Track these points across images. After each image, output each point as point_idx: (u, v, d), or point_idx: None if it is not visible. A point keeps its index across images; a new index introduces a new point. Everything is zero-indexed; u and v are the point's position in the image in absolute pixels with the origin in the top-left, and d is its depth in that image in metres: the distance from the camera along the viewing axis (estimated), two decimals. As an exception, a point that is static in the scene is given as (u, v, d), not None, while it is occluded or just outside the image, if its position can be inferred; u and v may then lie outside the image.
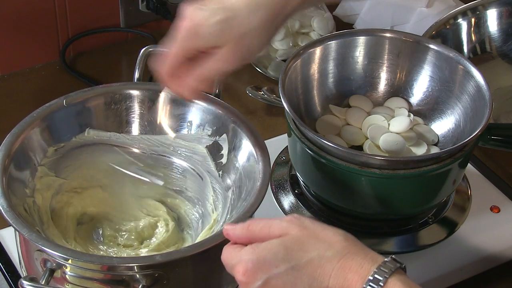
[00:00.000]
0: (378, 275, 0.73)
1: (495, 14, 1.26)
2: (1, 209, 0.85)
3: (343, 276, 0.74)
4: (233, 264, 0.77)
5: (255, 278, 0.75)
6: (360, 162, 0.95)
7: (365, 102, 1.11)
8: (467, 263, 1.03)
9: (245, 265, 0.76)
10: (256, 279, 0.75)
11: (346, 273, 0.74)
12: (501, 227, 1.07)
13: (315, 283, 0.75)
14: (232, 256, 0.78)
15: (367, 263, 0.74)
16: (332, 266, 0.74)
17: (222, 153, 0.98)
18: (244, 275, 0.76)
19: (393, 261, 0.75)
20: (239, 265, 0.76)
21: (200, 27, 0.85)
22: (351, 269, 0.74)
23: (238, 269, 0.76)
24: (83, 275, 0.84)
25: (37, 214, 0.92)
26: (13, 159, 0.91)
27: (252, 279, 0.76)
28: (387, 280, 0.73)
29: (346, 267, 0.74)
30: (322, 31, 1.37)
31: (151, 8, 1.40)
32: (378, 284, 0.73)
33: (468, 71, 1.04)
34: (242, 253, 0.77)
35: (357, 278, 0.73)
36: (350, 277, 0.74)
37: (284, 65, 1.04)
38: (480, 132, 0.95)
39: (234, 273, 0.77)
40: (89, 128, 0.99)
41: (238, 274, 0.76)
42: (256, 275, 0.75)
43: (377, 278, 0.73)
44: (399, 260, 0.75)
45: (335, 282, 0.74)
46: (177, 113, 1.00)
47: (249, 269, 0.76)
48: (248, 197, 0.90)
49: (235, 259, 0.77)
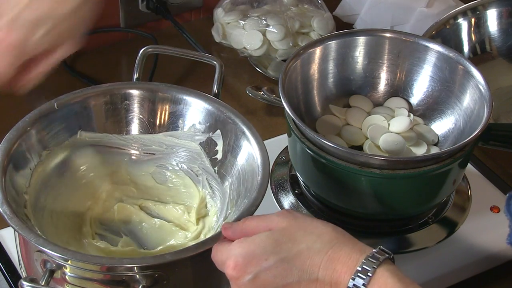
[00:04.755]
0: (367, 266, 0.74)
1: (495, 14, 1.26)
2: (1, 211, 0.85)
3: (332, 267, 0.74)
4: (223, 260, 0.78)
5: (245, 272, 0.76)
6: (360, 162, 0.95)
7: (365, 102, 1.11)
8: (467, 263, 1.03)
9: (235, 260, 0.77)
10: (246, 273, 0.76)
11: (335, 264, 0.74)
12: (501, 227, 1.06)
13: (305, 275, 0.75)
14: (222, 252, 0.79)
15: (355, 254, 0.75)
16: (321, 257, 0.75)
17: (217, 149, 0.98)
18: (234, 270, 0.77)
19: (381, 251, 0.75)
20: (229, 260, 0.77)
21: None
22: (340, 260, 0.75)
23: (228, 264, 0.77)
24: (83, 275, 0.83)
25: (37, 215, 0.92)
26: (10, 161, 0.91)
27: (243, 273, 0.76)
28: (375, 271, 0.73)
29: (334, 258, 0.75)
30: (322, 31, 1.37)
31: (151, 8, 1.40)
32: (366, 274, 0.73)
33: (468, 71, 1.04)
34: (231, 248, 0.78)
35: (346, 269, 0.74)
36: (339, 268, 0.74)
37: (284, 65, 1.04)
38: (480, 132, 0.95)
39: (224, 268, 0.78)
40: (81, 130, 0.99)
41: (229, 269, 0.77)
42: (246, 269, 0.76)
43: (366, 269, 0.73)
44: (387, 251, 0.75)
45: (325, 273, 0.75)
46: (169, 112, 1.00)
47: (239, 264, 0.76)
48: (249, 193, 0.90)
49: (224, 254, 0.78)
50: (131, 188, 1.03)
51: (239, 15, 1.38)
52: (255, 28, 1.35)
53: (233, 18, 1.38)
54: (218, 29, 1.40)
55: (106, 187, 1.02)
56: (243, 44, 1.36)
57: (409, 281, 0.74)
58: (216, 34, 1.40)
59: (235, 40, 1.37)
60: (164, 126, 1.01)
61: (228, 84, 1.33)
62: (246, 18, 1.37)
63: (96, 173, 1.01)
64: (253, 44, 1.34)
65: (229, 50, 1.39)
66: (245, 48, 1.36)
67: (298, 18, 1.37)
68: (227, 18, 1.39)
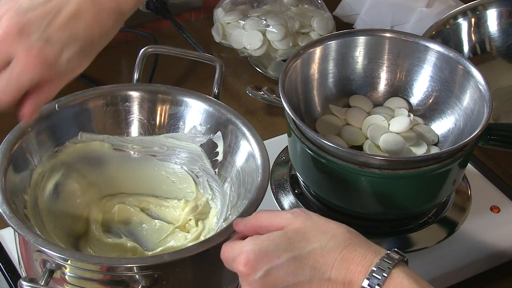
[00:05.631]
0: (382, 266, 0.73)
1: (495, 14, 1.26)
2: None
3: (345, 267, 0.74)
4: (234, 256, 0.76)
5: (257, 268, 0.75)
6: (360, 162, 0.95)
7: (365, 102, 1.11)
8: (467, 263, 1.03)
9: (246, 256, 0.75)
10: (257, 269, 0.75)
11: (348, 264, 0.74)
12: (501, 227, 1.07)
13: (317, 273, 0.74)
14: (233, 249, 0.77)
15: (370, 254, 0.74)
16: (335, 257, 0.74)
17: (217, 150, 0.98)
18: (245, 266, 0.75)
19: (396, 253, 0.74)
20: (240, 256, 0.76)
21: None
22: (354, 260, 0.74)
23: (239, 260, 0.75)
24: (83, 275, 0.83)
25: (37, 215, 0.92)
26: (10, 162, 0.91)
27: (254, 269, 0.75)
28: (390, 271, 0.73)
29: (349, 258, 0.74)
30: (322, 31, 1.37)
31: (151, 8, 1.40)
32: (381, 275, 0.72)
33: (468, 71, 1.04)
34: (243, 245, 0.76)
35: (360, 269, 0.73)
36: (353, 268, 0.73)
37: (284, 65, 1.04)
38: (480, 132, 0.95)
39: (235, 265, 0.76)
40: (82, 131, 0.99)
41: (240, 265, 0.75)
42: (258, 265, 0.75)
43: (381, 269, 0.72)
44: (401, 253, 0.75)
45: (338, 273, 0.74)
46: (170, 113, 1.00)
47: (251, 260, 0.75)
48: (248, 194, 0.90)
49: (236, 250, 0.77)
50: (131, 189, 1.03)
51: (239, 15, 1.38)
52: (255, 28, 1.35)
53: (233, 18, 1.38)
54: (218, 29, 1.40)
55: (106, 189, 1.02)
56: (243, 44, 1.36)
57: (425, 283, 0.73)
58: (216, 34, 1.41)
59: (235, 40, 1.37)
60: (165, 127, 1.01)
61: (228, 84, 1.33)
62: (246, 18, 1.37)
63: (97, 174, 1.01)
64: (253, 44, 1.35)
65: (229, 50, 1.39)
66: (245, 48, 1.36)
67: (298, 18, 1.37)
68: (227, 18, 1.39)
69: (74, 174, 0.99)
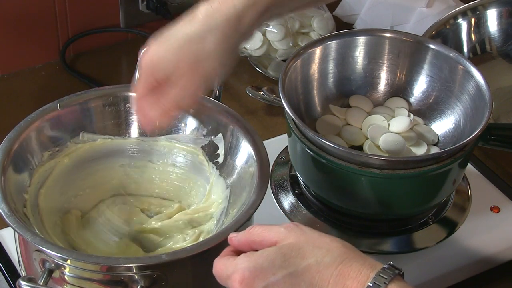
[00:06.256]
0: (378, 282, 0.72)
1: (495, 14, 1.26)
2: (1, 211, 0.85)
3: (342, 282, 0.73)
4: (228, 274, 0.76)
5: (253, 286, 0.74)
6: (360, 162, 0.95)
7: (365, 102, 1.11)
8: (467, 263, 1.03)
9: (241, 274, 0.74)
10: (253, 287, 0.74)
11: (345, 280, 0.73)
12: (501, 227, 1.06)
13: None
14: (227, 266, 0.76)
15: (365, 269, 0.73)
16: (331, 272, 0.74)
17: (218, 152, 0.98)
18: (241, 284, 0.74)
19: (392, 267, 0.74)
20: (235, 274, 0.75)
21: (157, 58, 0.86)
22: (350, 275, 0.73)
23: (234, 278, 0.75)
24: (82, 275, 0.83)
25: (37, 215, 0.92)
26: (11, 162, 0.91)
27: (249, 287, 0.74)
28: (386, 287, 0.72)
29: (345, 273, 0.73)
30: (322, 31, 1.37)
31: (151, 8, 1.40)
32: None
33: (468, 71, 1.04)
34: (237, 262, 0.76)
35: (356, 284, 0.73)
36: (349, 283, 0.73)
37: (284, 65, 1.04)
38: (480, 132, 0.95)
39: (230, 282, 0.76)
40: (83, 131, 0.99)
41: (235, 283, 0.75)
42: (253, 283, 0.74)
43: (377, 284, 0.72)
44: (397, 267, 0.74)
45: None
46: None
47: (246, 277, 0.74)
48: (248, 195, 0.90)
49: (230, 268, 0.76)
50: (132, 190, 1.03)
51: (239, 15, 1.38)
52: (255, 28, 1.35)
53: (233, 18, 1.38)
54: (218, 29, 1.40)
55: (107, 189, 1.02)
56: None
57: None
58: (216, 34, 1.40)
59: (235, 40, 1.37)
60: (166, 129, 1.01)
61: (228, 84, 1.33)
62: (246, 18, 1.37)
63: (97, 175, 1.01)
64: (253, 44, 1.34)
65: (229, 50, 1.39)
66: (245, 48, 1.36)
67: (298, 18, 1.37)
68: (227, 18, 1.39)
69: (75, 174, 0.99)
